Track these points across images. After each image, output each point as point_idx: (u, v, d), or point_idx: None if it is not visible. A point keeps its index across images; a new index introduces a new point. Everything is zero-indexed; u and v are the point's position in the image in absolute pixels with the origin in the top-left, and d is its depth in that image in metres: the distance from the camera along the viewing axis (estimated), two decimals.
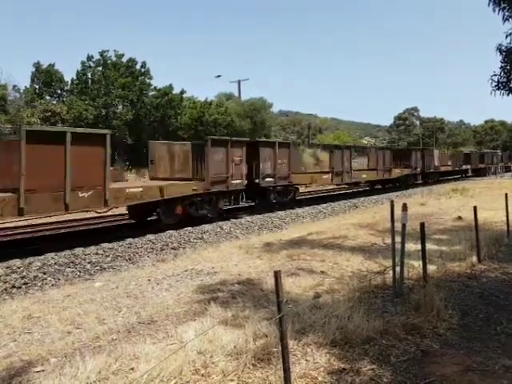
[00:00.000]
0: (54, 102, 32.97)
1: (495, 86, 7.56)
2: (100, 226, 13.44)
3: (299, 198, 19.77)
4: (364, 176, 24.85)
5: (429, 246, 7.04)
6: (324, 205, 18.71)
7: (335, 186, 26.19)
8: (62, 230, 12.71)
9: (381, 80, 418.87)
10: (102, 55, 33.73)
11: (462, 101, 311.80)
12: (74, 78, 33.78)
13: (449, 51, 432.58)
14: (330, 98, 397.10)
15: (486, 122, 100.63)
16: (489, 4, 7.19)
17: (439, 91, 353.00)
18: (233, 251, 9.05)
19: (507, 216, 9.30)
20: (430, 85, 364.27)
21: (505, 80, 7.46)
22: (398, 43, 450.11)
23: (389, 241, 7.81)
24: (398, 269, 5.57)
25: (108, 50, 33.90)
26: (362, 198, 21.85)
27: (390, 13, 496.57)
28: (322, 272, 6.99)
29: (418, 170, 31.99)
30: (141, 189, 11.62)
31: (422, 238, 5.70)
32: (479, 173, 45.91)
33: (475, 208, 7.65)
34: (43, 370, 3.88)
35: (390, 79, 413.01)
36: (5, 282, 7.61)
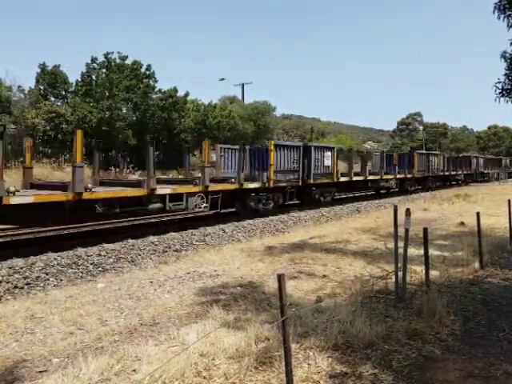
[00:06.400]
0: (59, 104, 33.10)
1: (499, 93, 7.57)
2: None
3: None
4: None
5: (431, 251, 7.03)
6: (326, 208, 18.68)
7: None
8: (65, 231, 12.74)
9: (384, 85, 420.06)
10: (106, 57, 33.86)
11: (465, 106, 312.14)
12: (79, 79, 33.93)
13: (452, 56, 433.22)
14: (333, 102, 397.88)
15: (490, 127, 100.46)
16: (493, 11, 7.20)
17: (442, 96, 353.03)
18: (235, 254, 9.06)
19: (510, 222, 9.28)
20: (434, 90, 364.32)
21: (509, 87, 7.46)
22: (401, 47, 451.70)
23: (391, 245, 7.81)
24: (400, 274, 5.58)
25: (112, 52, 34.03)
26: (365, 203, 21.83)
27: (392, 15, 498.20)
28: (324, 276, 6.99)
29: None
30: None
31: (425, 243, 5.70)
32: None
33: (478, 214, 7.64)
34: (46, 371, 3.90)
35: (394, 84, 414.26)
36: (7, 282, 7.63)
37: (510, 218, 9.27)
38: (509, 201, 9.35)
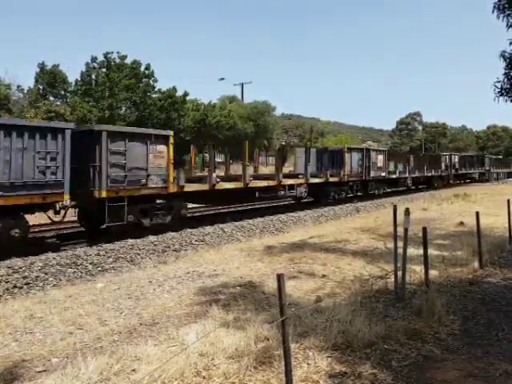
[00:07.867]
0: (58, 103, 33.04)
1: (498, 92, 7.56)
2: None
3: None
4: None
5: (431, 250, 7.04)
6: (326, 208, 18.68)
7: None
8: (64, 231, 12.73)
9: (384, 85, 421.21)
10: (105, 57, 33.81)
11: (464, 106, 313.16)
12: (78, 79, 33.88)
13: (451, 56, 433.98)
14: (333, 102, 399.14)
15: (489, 127, 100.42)
16: (493, 11, 7.20)
17: (442, 96, 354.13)
18: (234, 254, 9.06)
19: (509, 222, 9.28)
20: (433, 90, 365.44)
21: (508, 86, 7.46)
22: (401, 47, 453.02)
23: (390, 245, 7.82)
24: (399, 273, 5.57)
25: (112, 52, 33.99)
26: (364, 202, 21.83)
27: (392, 15, 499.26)
28: (324, 276, 6.99)
29: None
30: None
31: (424, 242, 5.70)
32: None
33: (477, 214, 7.64)
34: (45, 371, 3.89)
35: (393, 84, 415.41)
36: (7, 282, 7.62)
37: (509, 218, 9.27)
38: (508, 201, 9.36)
